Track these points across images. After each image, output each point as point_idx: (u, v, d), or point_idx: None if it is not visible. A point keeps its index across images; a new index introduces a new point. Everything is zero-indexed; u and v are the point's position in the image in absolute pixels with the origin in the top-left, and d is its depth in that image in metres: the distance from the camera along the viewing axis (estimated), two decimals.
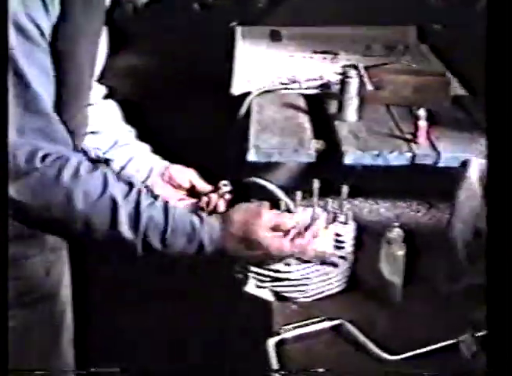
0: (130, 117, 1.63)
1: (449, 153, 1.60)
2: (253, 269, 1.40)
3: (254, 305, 1.44)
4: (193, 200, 1.57)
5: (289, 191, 1.55)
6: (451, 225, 1.46)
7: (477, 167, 1.50)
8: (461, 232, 1.46)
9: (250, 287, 1.41)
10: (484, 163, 1.50)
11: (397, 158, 1.60)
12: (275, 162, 1.67)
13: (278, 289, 1.41)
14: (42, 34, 1.16)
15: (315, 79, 2.04)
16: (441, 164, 1.60)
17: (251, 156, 1.61)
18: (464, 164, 1.52)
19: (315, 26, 2.56)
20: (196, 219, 1.26)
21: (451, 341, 1.27)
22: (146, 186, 1.30)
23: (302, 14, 2.59)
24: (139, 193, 1.21)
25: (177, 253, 1.24)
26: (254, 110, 1.85)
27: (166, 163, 1.61)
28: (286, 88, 2.00)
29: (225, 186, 1.52)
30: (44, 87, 1.17)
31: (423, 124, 1.64)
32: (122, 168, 1.57)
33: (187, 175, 1.59)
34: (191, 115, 2.33)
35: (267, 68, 2.20)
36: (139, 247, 1.21)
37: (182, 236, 1.23)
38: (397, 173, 1.63)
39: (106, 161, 1.58)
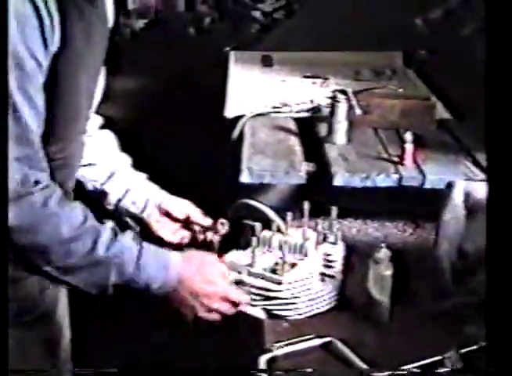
0: (125, 143, 1.65)
1: (435, 175, 1.66)
2: (245, 288, 1.44)
3: (246, 323, 1.47)
4: (188, 233, 1.60)
5: (280, 212, 1.59)
6: (436, 246, 1.50)
7: (461, 189, 1.54)
8: (446, 252, 1.50)
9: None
10: (468, 185, 1.56)
11: (384, 180, 1.66)
12: (268, 184, 1.71)
13: (269, 307, 1.45)
14: (40, 66, 1.19)
15: (306, 103, 2.10)
16: (427, 186, 1.65)
17: (244, 177, 1.65)
18: (449, 186, 1.56)
19: (306, 51, 2.62)
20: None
21: (437, 358, 1.31)
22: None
23: (293, 40, 2.65)
24: (114, 227, 1.29)
25: (145, 280, 1.29)
26: (247, 133, 1.90)
27: (163, 194, 1.62)
28: (277, 112, 2.06)
29: (223, 225, 1.55)
30: (34, 118, 1.20)
31: (409, 147, 1.69)
32: (119, 200, 1.59)
33: (183, 208, 1.61)
34: (185, 137, 2.37)
35: (259, 92, 2.26)
36: (113, 274, 1.26)
37: (154, 259, 1.30)
38: (384, 194, 1.68)
39: (103, 193, 1.59)
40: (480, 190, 1.54)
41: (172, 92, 2.56)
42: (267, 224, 1.56)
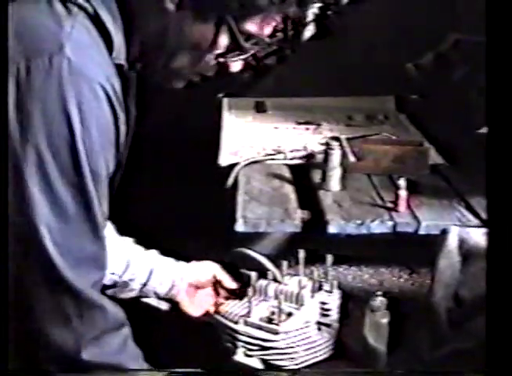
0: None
1: (429, 221, 1.66)
2: (242, 338, 1.44)
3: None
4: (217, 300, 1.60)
5: (275, 260, 1.60)
6: (432, 292, 1.50)
7: (456, 234, 1.55)
8: (442, 298, 1.50)
9: (240, 356, 1.44)
10: (463, 230, 1.56)
11: (379, 227, 1.66)
12: (262, 232, 1.71)
13: (266, 357, 1.44)
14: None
15: (299, 150, 2.12)
16: (421, 232, 1.66)
17: (239, 226, 1.65)
18: (444, 232, 1.57)
19: (299, 97, 2.65)
20: None
21: None
22: None
23: (285, 86, 2.68)
24: None
25: None
26: (242, 181, 1.91)
27: (183, 266, 1.59)
28: (271, 159, 2.07)
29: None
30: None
31: (403, 193, 1.70)
32: (144, 285, 1.54)
33: (210, 272, 1.60)
34: (177, 185, 2.36)
35: (253, 139, 2.27)
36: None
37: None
38: (379, 241, 1.69)
39: (124, 283, 1.52)
40: (474, 236, 1.54)
41: (164, 139, 2.56)
42: (263, 273, 1.56)
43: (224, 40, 1.16)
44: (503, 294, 1.03)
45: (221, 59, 1.19)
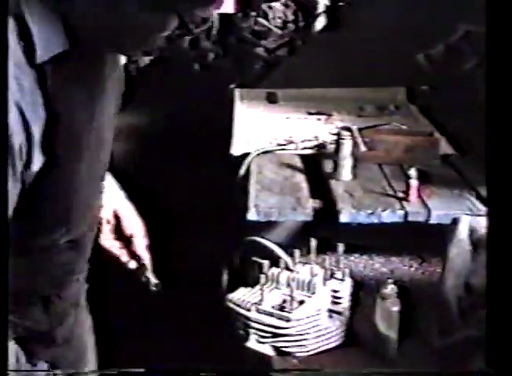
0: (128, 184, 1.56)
1: (440, 210, 1.68)
2: (254, 325, 1.46)
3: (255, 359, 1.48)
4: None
5: (287, 249, 1.61)
6: (443, 281, 1.52)
7: (466, 224, 1.56)
8: (453, 287, 1.51)
9: (252, 343, 1.46)
10: (473, 220, 1.57)
11: (390, 216, 1.68)
12: (274, 221, 1.73)
13: (278, 344, 1.46)
14: None
15: (311, 140, 2.13)
16: (432, 221, 1.67)
17: (252, 215, 1.67)
18: (455, 221, 1.58)
19: (310, 88, 2.66)
20: None
21: None
22: None
23: (297, 77, 2.69)
24: None
25: None
26: (254, 170, 1.93)
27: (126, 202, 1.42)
28: (283, 149, 2.09)
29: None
30: None
31: (414, 183, 1.72)
32: None
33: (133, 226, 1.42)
34: (190, 175, 2.39)
35: (265, 129, 2.29)
36: None
37: None
38: (390, 230, 1.70)
39: None
40: (484, 225, 1.55)
41: (177, 130, 2.58)
42: (275, 261, 1.58)
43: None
44: (505, 284, 1.04)
45: None
